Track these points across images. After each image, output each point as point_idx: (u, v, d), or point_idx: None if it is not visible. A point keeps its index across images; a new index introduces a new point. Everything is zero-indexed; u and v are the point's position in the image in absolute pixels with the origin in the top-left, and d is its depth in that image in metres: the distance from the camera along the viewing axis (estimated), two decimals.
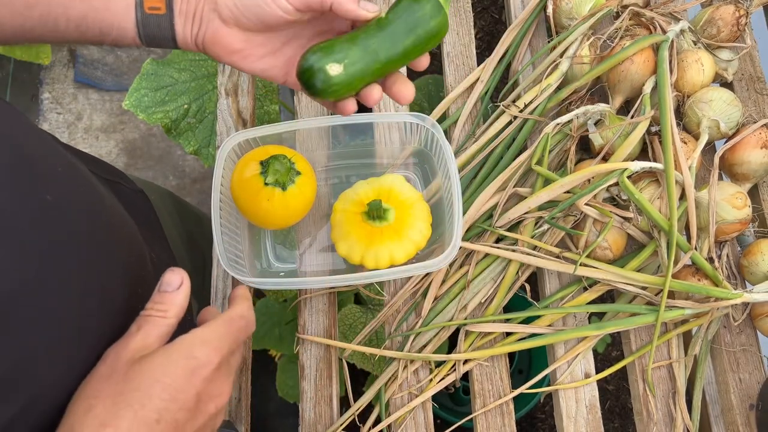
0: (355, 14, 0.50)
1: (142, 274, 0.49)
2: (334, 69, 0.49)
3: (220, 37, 0.51)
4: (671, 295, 0.71)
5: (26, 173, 0.37)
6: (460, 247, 0.73)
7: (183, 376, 0.40)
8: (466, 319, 0.74)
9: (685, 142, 0.73)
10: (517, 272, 0.76)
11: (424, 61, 0.54)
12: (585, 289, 0.75)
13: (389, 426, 0.72)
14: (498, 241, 0.77)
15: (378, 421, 0.72)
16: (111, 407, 0.37)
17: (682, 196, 0.71)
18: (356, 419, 0.72)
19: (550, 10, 0.83)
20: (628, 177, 0.70)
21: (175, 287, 0.44)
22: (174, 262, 0.66)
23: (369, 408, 0.74)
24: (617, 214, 0.73)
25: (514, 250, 0.74)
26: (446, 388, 0.74)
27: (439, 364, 0.74)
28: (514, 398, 0.73)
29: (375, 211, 0.69)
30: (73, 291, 0.39)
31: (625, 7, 0.79)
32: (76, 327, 0.39)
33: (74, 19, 0.48)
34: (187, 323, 0.56)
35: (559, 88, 0.79)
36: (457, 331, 0.75)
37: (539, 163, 0.74)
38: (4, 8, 0.47)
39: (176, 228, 0.75)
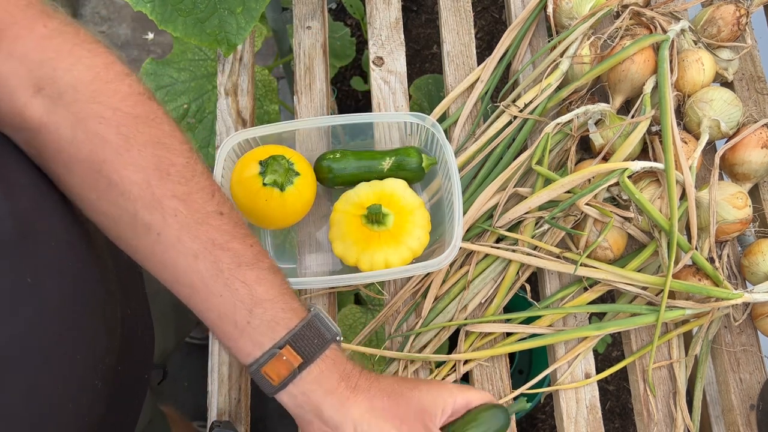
0: None
1: (109, 345, 0.51)
2: None
3: None
4: (672, 295, 0.71)
5: (16, 255, 0.39)
6: (460, 248, 0.73)
7: None
8: (466, 319, 0.74)
9: (686, 142, 0.73)
10: (518, 272, 0.76)
11: None
12: (585, 289, 0.75)
13: None
14: (498, 241, 0.77)
15: None
16: None
17: (683, 196, 0.71)
18: None
19: (550, 9, 0.83)
20: (629, 177, 0.70)
21: None
22: (147, 309, 0.67)
23: None
24: (618, 214, 0.73)
25: (514, 251, 0.74)
26: None
27: (439, 364, 0.74)
28: (515, 398, 0.73)
29: (374, 216, 0.69)
30: (39, 366, 0.41)
31: (626, 6, 0.79)
32: (31, 404, 0.41)
33: (202, 318, 0.50)
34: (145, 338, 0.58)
35: (559, 87, 0.79)
36: (457, 332, 0.75)
37: (539, 162, 0.74)
38: (156, 269, 0.49)
39: None
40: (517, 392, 0.73)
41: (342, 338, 0.53)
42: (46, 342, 0.41)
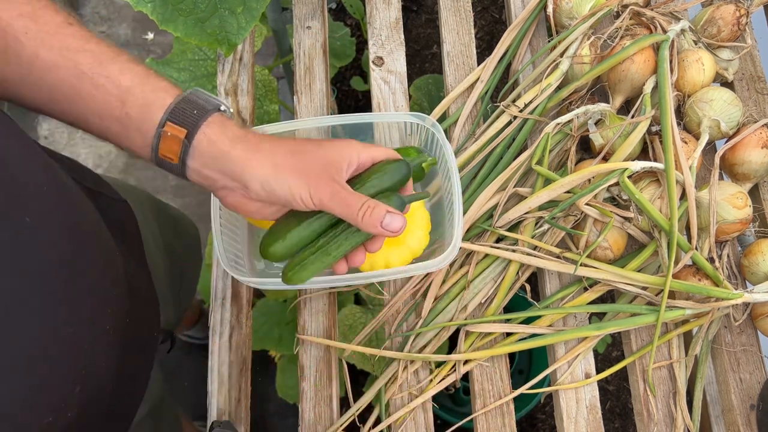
0: (379, 234, 0.54)
1: (115, 293, 0.50)
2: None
3: (241, 205, 0.54)
4: (672, 295, 0.71)
5: (7, 194, 0.38)
6: (461, 248, 0.73)
7: None
8: (466, 319, 0.74)
9: (686, 142, 0.73)
10: (518, 272, 0.76)
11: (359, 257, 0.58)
12: (585, 289, 0.75)
13: (389, 426, 0.72)
14: (498, 241, 0.77)
15: (378, 421, 0.72)
16: None
17: (683, 196, 0.71)
18: (356, 420, 0.72)
19: (550, 9, 0.83)
20: (629, 177, 0.70)
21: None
22: (148, 274, 0.67)
23: (369, 408, 0.74)
24: (618, 214, 0.73)
25: (514, 251, 0.74)
26: (446, 388, 0.74)
27: (439, 364, 0.74)
28: (515, 398, 0.73)
29: None
30: (45, 310, 0.40)
31: (626, 6, 0.79)
32: (44, 347, 0.40)
33: (94, 131, 0.50)
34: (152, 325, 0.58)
35: (559, 87, 0.79)
36: (457, 332, 0.75)
37: (539, 162, 0.74)
38: (32, 93, 0.49)
39: (153, 236, 0.75)
40: (517, 392, 0.73)
41: (230, 110, 0.53)
42: (52, 285, 0.41)
